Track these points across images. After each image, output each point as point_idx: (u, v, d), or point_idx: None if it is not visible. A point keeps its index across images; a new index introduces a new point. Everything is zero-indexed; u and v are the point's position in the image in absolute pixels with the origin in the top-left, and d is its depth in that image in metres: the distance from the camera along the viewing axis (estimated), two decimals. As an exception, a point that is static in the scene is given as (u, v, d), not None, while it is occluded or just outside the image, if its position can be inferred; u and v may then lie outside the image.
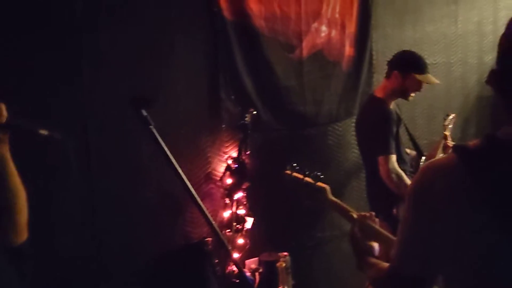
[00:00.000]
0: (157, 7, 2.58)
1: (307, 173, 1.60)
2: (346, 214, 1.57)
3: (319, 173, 1.55)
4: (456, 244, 0.98)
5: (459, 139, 4.03)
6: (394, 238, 1.51)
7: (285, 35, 2.99)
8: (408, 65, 2.80)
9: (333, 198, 1.60)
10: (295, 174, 1.59)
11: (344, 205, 1.61)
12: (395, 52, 3.45)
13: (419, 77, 2.80)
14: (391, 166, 2.71)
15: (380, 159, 2.74)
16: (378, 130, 2.78)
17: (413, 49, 3.58)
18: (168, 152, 1.38)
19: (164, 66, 2.64)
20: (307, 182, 1.56)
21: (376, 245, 1.42)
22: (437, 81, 2.95)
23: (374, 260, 1.33)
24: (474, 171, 0.96)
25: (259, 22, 2.87)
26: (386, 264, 1.23)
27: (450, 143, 3.20)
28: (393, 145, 2.75)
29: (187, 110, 2.73)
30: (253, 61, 2.90)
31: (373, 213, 1.56)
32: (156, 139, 1.36)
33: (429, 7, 3.75)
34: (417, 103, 3.74)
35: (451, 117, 3.36)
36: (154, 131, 1.36)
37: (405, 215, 1.08)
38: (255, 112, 2.82)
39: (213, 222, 1.44)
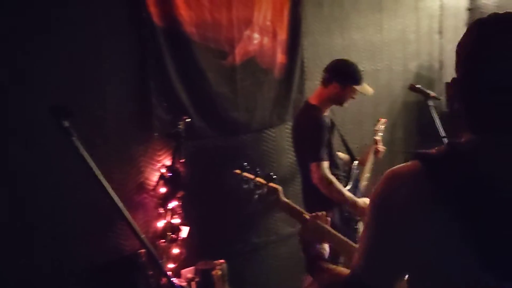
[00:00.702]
0: (83, 13, 2.49)
1: (259, 173, 1.53)
2: (298, 215, 1.53)
3: (271, 173, 1.50)
4: (420, 253, 0.97)
5: (388, 142, 4.21)
6: (346, 240, 1.50)
7: (217, 42, 2.98)
8: (349, 78, 2.89)
9: (286, 200, 1.55)
10: (245, 174, 1.52)
11: (297, 207, 1.57)
12: (325, 59, 3.56)
13: (357, 87, 2.91)
14: (323, 173, 2.77)
15: (312, 165, 2.79)
16: (311, 137, 2.83)
17: (342, 56, 3.72)
18: (92, 164, 1.32)
19: (90, 73, 2.54)
20: (259, 183, 1.50)
21: (326, 248, 1.40)
22: (372, 91, 3.06)
23: (326, 264, 1.31)
24: (438, 179, 0.96)
25: (190, 29, 2.84)
26: (341, 270, 1.22)
27: (381, 147, 3.33)
28: (325, 152, 2.82)
29: (117, 118, 2.65)
30: (185, 67, 2.86)
31: (325, 213, 1.53)
32: (79, 150, 1.29)
33: (355, 15, 3.88)
34: (346, 109, 3.84)
35: (382, 122, 3.50)
36: (77, 142, 1.29)
37: (368, 224, 1.06)
38: (188, 120, 2.78)
39: (140, 234, 1.39)
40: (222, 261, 2.90)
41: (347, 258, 1.46)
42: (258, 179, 1.47)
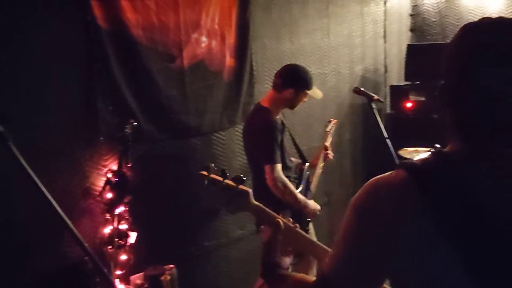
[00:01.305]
0: (27, 16, 2.41)
1: (227, 175, 1.39)
2: (270, 219, 1.44)
3: (241, 175, 1.38)
4: (406, 266, 0.94)
5: (336, 144, 4.32)
6: (321, 245, 1.42)
7: (164, 45, 2.96)
8: (304, 84, 2.96)
9: (256, 203, 1.46)
10: (213, 175, 1.37)
11: (268, 210, 1.49)
12: (274, 63, 3.63)
13: (309, 92, 3.00)
14: (277, 175, 2.80)
15: (266, 167, 2.82)
16: (264, 139, 2.86)
17: (291, 60, 3.79)
18: (29, 170, 1.28)
19: (33, 76, 2.47)
20: (227, 185, 1.38)
21: (287, 260, 1.33)
22: (321, 94, 3.16)
23: (285, 272, 1.26)
24: (427, 191, 0.92)
25: (137, 32, 2.81)
26: (304, 276, 1.18)
27: (331, 155, 3.38)
28: (278, 154, 2.85)
29: (61, 122, 2.58)
30: (132, 70, 2.83)
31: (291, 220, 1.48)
32: (15, 156, 1.25)
33: (303, 20, 3.96)
34: (295, 112, 3.91)
35: (332, 123, 3.56)
36: (12, 147, 1.25)
37: (346, 231, 1.00)
38: (135, 123, 2.75)
39: (83, 241, 1.36)
40: (171, 266, 2.87)
41: (320, 262, 1.42)
42: (226, 181, 1.36)
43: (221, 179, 1.37)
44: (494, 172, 0.94)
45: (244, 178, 1.43)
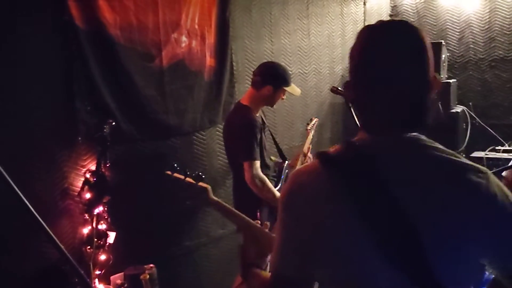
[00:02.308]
0: (2, 13, 2.40)
1: (188, 173, 1.53)
2: (231, 215, 1.55)
3: (200, 173, 1.51)
4: (324, 248, 1.03)
5: (316, 143, 4.36)
6: None
7: (143, 44, 2.96)
8: (282, 81, 3.00)
9: (215, 198, 1.56)
10: (176, 174, 1.52)
11: (227, 206, 1.59)
12: (255, 63, 3.64)
13: (287, 89, 3.03)
14: (255, 172, 2.83)
15: (245, 164, 2.85)
16: (243, 136, 2.90)
17: (271, 60, 3.81)
18: (2, 171, 1.27)
19: (10, 76, 2.45)
20: (189, 183, 1.52)
21: (266, 259, 1.38)
22: (299, 90, 3.21)
23: (258, 271, 1.33)
24: (336, 176, 1.03)
25: (115, 31, 2.81)
26: (268, 275, 1.26)
27: (311, 159, 3.41)
28: (257, 151, 2.88)
29: (39, 122, 2.57)
30: (110, 70, 2.82)
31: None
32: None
33: (284, 21, 3.99)
34: (276, 111, 3.96)
35: (314, 121, 3.58)
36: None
37: (278, 220, 1.11)
38: (114, 123, 2.75)
39: (58, 242, 1.35)
40: (151, 265, 2.88)
41: None
42: (188, 179, 1.48)
43: (183, 177, 1.48)
44: (398, 161, 1.03)
45: (204, 176, 1.53)
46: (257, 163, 2.86)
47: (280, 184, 3.12)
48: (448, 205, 0.98)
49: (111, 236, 2.70)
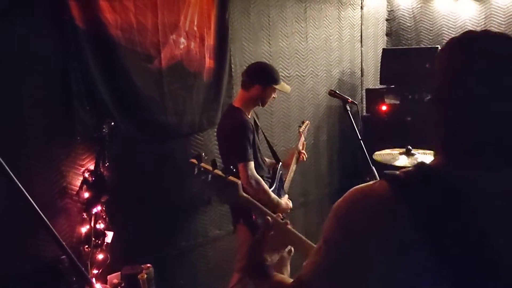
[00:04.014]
0: (1, 13, 2.40)
1: (217, 165, 1.36)
2: (261, 211, 1.41)
3: (231, 166, 1.37)
4: (390, 281, 0.89)
5: (313, 145, 4.39)
6: (308, 241, 1.39)
7: (142, 45, 2.98)
8: (270, 79, 3.01)
9: (245, 194, 1.42)
10: (203, 164, 1.34)
11: (257, 203, 1.45)
12: (253, 65, 3.66)
13: (276, 87, 3.04)
14: (250, 172, 2.85)
15: (240, 166, 2.86)
16: (236, 138, 2.91)
17: (268, 63, 3.84)
18: (5, 166, 1.30)
19: (9, 75, 2.47)
20: (217, 175, 1.34)
21: (274, 257, 1.31)
22: (289, 88, 3.23)
23: (270, 271, 1.22)
24: (412, 205, 0.88)
25: (115, 32, 2.83)
26: (285, 279, 1.17)
27: (304, 155, 3.43)
28: (250, 152, 2.90)
29: (37, 121, 2.58)
30: (110, 70, 2.84)
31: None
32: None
33: (281, 24, 4.02)
34: (273, 113, 3.98)
35: (305, 124, 3.63)
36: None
37: (328, 240, 0.97)
38: (112, 123, 2.76)
39: (60, 239, 1.37)
40: (148, 265, 2.89)
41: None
42: (216, 171, 1.33)
43: (211, 168, 1.34)
44: (485, 188, 0.90)
45: (234, 170, 1.40)
46: (252, 164, 2.88)
47: (275, 185, 3.13)
48: None
49: (109, 236, 2.71)
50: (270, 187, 3.02)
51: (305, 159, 3.47)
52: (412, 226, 0.87)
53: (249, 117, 3.04)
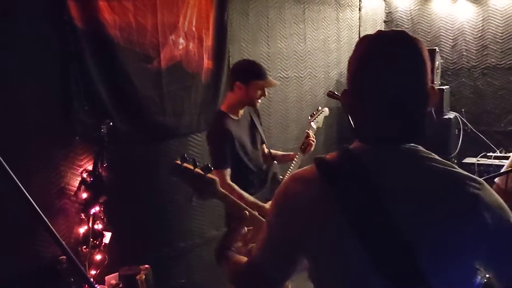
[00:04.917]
0: (1, 13, 2.40)
1: (198, 164, 1.46)
2: (237, 208, 1.52)
3: (209, 165, 1.46)
4: (317, 251, 1.06)
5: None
6: None
7: (142, 46, 2.98)
8: (248, 74, 2.83)
9: (223, 190, 1.52)
10: (185, 164, 1.45)
11: (235, 199, 1.56)
12: (251, 66, 3.66)
13: (260, 83, 2.83)
14: (224, 180, 2.70)
15: (214, 172, 2.74)
16: (213, 145, 2.82)
17: (267, 64, 3.84)
18: (7, 167, 1.29)
19: (9, 75, 2.46)
20: (197, 173, 1.45)
21: (243, 249, 1.42)
22: (276, 82, 3.03)
23: (233, 253, 1.36)
24: (332, 183, 1.04)
25: (114, 32, 2.82)
26: (241, 258, 1.29)
27: (312, 140, 3.08)
28: (228, 158, 2.76)
29: (36, 121, 2.57)
30: (109, 71, 2.84)
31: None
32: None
33: (280, 25, 4.03)
34: (271, 114, 3.99)
35: (319, 111, 3.26)
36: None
37: (270, 220, 1.14)
38: (111, 123, 2.76)
39: (61, 240, 1.37)
40: (146, 266, 2.89)
41: None
42: (197, 169, 1.44)
43: (192, 167, 1.43)
44: (394, 171, 1.04)
45: (212, 168, 1.51)
46: (225, 171, 2.73)
47: (267, 184, 3.06)
48: (444, 216, 0.98)
49: (107, 236, 2.70)
50: (261, 187, 2.98)
51: (312, 148, 3.11)
52: (332, 200, 1.03)
53: (239, 117, 2.90)
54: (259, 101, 2.91)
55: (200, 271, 3.56)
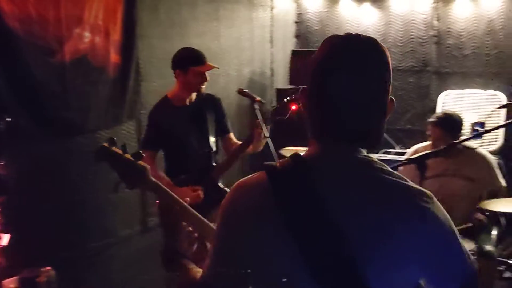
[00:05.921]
0: None
1: (127, 150, 1.36)
2: (169, 198, 1.41)
3: (141, 151, 1.37)
4: (258, 262, 1.00)
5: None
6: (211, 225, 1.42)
7: (44, 38, 2.86)
8: (185, 61, 2.98)
9: (153, 179, 1.42)
10: (114, 148, 1.35)
11: (166, 188, 1.46)
12: (162, 62, 3.63)
13: (198, 68, 2.95)
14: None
15: None
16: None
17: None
18: None
19: None
20: (127, 159, 1.35)
21: (192, 249, 1.33)
22: (216, 66, 3.12)
23: (186, 262, 1.28)
24: (278, 191, 1.00)
25: (13, 23, 2.68)
26: (197, 271, 1.21)
27: (264, 132, 2.98)
28: (148, 142, 3.00)
29: None
30: (8, 63, 2.69)
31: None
32: None
33: (193, 23, 4.03)
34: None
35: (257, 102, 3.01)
36: None
37: (216, 231, 1.09)
38: (9, 119, 2.62)
39: None
40: (48, 268, 2.77)
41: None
42: (126, 155, 1.34)
43: (121, 152, 1.35)
44: (334, 170, 1.02)
45: (144, 155, 1.42)
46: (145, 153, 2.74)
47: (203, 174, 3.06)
48: (391, 228, 0.96)
49: (4, 238, 2.56)
50: (193, 174, 2.98)
51: (262, 139, 3.05)
52: (272, 206, 0.99)
53: (186, 104, 3.05)
54: (203, 86, 3.03)
55: (114, 270, 3.48)
